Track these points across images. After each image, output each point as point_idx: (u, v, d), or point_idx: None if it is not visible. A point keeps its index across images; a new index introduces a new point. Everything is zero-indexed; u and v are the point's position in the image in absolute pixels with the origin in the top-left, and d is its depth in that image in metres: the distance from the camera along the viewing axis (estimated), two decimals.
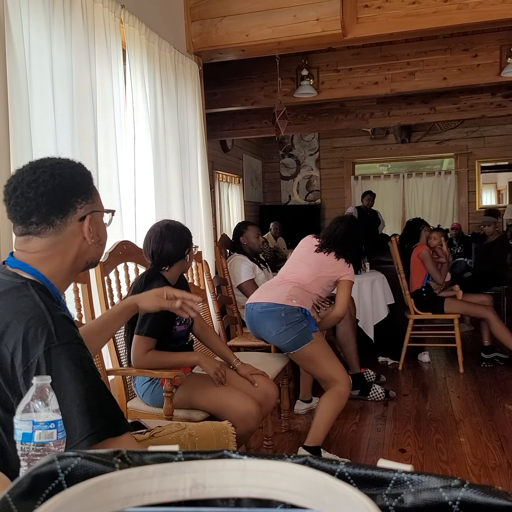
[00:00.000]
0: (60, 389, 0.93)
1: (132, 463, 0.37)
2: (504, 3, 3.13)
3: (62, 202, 1.08)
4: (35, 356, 0.95)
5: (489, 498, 0.33)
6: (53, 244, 1.09)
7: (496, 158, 8.39)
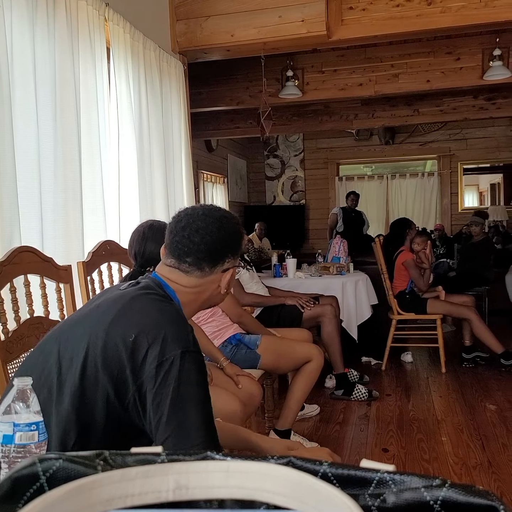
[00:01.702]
0: (185, 391, 1.00)
1: (115, 465, 0.37)
2: (486, 8, 3.17)
3: (218, 255, 1.21)
4: (172, 353, 1.02)
5: (470, 497, 0.34)
6: (194, 285, 1.21)
7: (478, 160, 8.49)
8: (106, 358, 1.03)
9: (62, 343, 1.10)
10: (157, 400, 0.99)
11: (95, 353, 1.04)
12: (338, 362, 3.56)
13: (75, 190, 2.29)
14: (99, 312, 1.13)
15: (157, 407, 0.99)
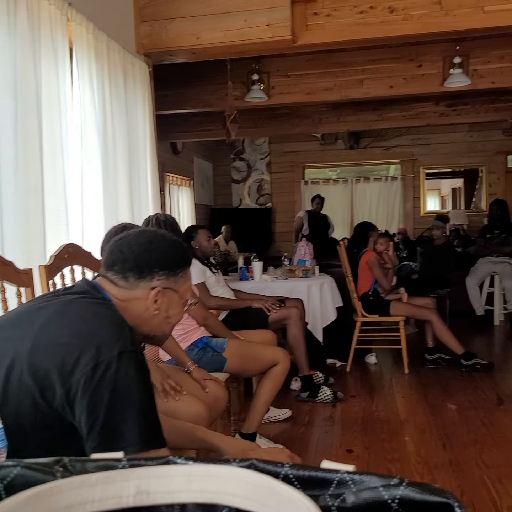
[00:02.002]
0: (123, 393, 0.99)
1: (74, 472, 0.37)
2: (446, 16, 3.25)
3: (143, 267, 1.18)
4: (109, 355, 1.00)
5: (426, 495, 0.35)
6: (122, 296, 1.18)
7: (440, 165, 8.70)
8: (34, 361, 1.01)
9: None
10: (93, 402, 0.97)
11: (22, 356, 1.02)
12: (303, 364, 3.58)
13: (36, 192, 2.24)
14: (30, 315, 1.11)
15: (93, 410, 0.97)
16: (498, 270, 5.76)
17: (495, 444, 2.76)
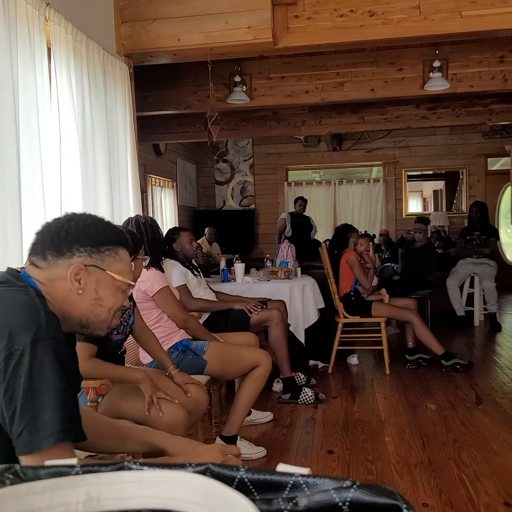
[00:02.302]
0: (39, 382, 0.96)
1: (26, 479, 0.36)
2: (425, 20, 3.29)
3: (62, 243, 1.12)
4: (22, 343, 0.97)
5: (376, 497, 0.35)
6: (44, 278, 1.13)
7: (421, 167, 8.79)
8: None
9: None
10: (9, 393, 0.95)
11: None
12: (285, 366, 3.59)
13: (13, 193, 2.22)
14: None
15: (10, 401, 0.95)
16: (478, 271, 5.83)
17: (473, 443, 2.79)
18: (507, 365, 4.27)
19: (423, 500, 2.22)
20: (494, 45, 4.64)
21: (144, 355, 2.59)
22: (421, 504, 2.19)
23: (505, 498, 2.22)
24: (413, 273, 5.64)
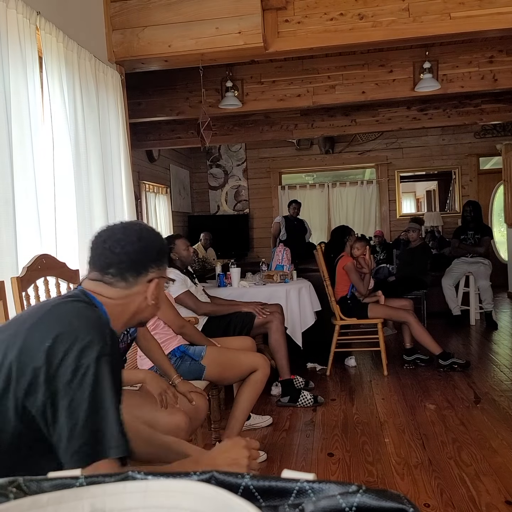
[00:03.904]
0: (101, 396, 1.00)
1: (29, 492, 0.36)
2: (414, 23, 3.30)
3: (140, 264, 1.22)
4: (89, 359, 1.02)
5: (382, 501, 0.35)
6: (120, 296, 1.22)
7: (414, 168, 8.82)
8: (21, 364, 1.02)
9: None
10: (73, 405, 0.98)
11: (11, 360, 1.03)
12: (284, 368, 3.59)
13: (7, 203, 2.21)
14: (20, 320, 1.13)
15: (73, 412, 0.98)
16: (473, 270, 5.85)
17: (473, 442, 2.79)
18: (504, 363, 4.28)
19: (425, 501, 2.22)
20: (483, 46, 4.68)
21: (142, 362, 2.59)
22: (422, 505, 2.19)
23: (506, 496, 2.22)
24: (409, 274, 5.65)
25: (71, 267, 2.51)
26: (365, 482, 2.47)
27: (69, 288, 2.45)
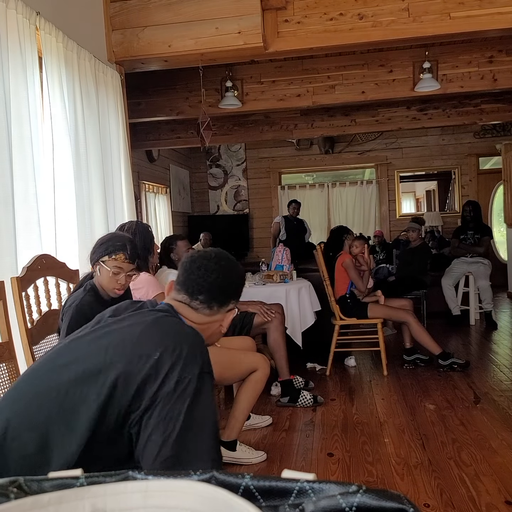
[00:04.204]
0: (198, 410, 1.06)
1: (30, 492, 0.36)
2: (414, 23, 3.31)
3: (226, 296, 1.33)
4: (191, 373, 1.08)
5: (383, 502, 0.35)
6: (201, 322, 1.30)
7: (413, 168, 8.82)
8: (128, 375, 1.07)
9: (74, 365, 1.12)
10: (170, 415, 1.04)
11: (117, 370, 1.08)
12: (284, 368, 3.58)
13: (6, 203, 2.21)
14: (119, 331, 1.18)
15: (169, 422, 1.03)
16: (473, 270, 5.85)
17: (473, 442, 2.79)
18: (504, 363, 4.28)
19: (424, 501, 2.22)
20: (483, 46, 4.68)
21: None
22: (422, 505, 2.19)
23: (506, 496, 2.22)
24: (408, 274, 5.65)
25: (71, 267, 2.52)
26: (365, 482, 2.47)
27: (68, 288, 2.46)
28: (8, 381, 1.91)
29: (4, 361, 1.91)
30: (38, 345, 2.20)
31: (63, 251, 2.72)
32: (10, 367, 1.94)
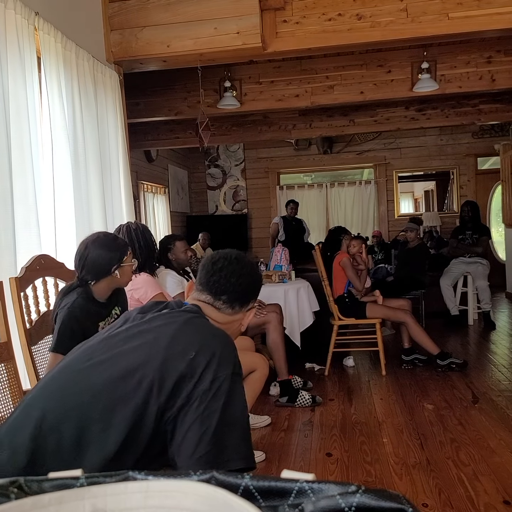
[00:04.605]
0: (232, 409, 1.10)
1: (30, 492, 0.36)
2: (412, 23, 3.31)
3: (248, 297, 1.39)
4: (225, 373, 1.12)
5: (382, 502, 0.35)
6: (223, 321, 1.35)
7: (412, 168, 8.83)
8: (164, 373, 1.10)
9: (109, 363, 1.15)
10: (206, 413, 1.07)
11: (154, 368, 1.11)
12: (282, 368, 3.59)
13: (5, 203, 2.21)
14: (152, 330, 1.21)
15: (205, 420, 1.06)
16: (471, 270, 5.85)
17: (471, 442, 2.79)
18: (502, 363, 4.28)
19: (423, 501, 2.22)
20: (481, 46, 4.69)
21: None
22: (420, 505, 2.19)
23: (504, 496, 2.22)
24: (407, 274, 5.66)
25: (69, 267, 2.52)
26: (363, 482, 2.47)
27: None
28: (7, 381, 1.91)
29: (2, 361, 1.91)
30: (36, 345, 2.20)
31: (62, 251, 2.72)
32: (8, 367, 1.93)
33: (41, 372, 2.16)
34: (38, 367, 2.15)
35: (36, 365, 2.14)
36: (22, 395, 1.98)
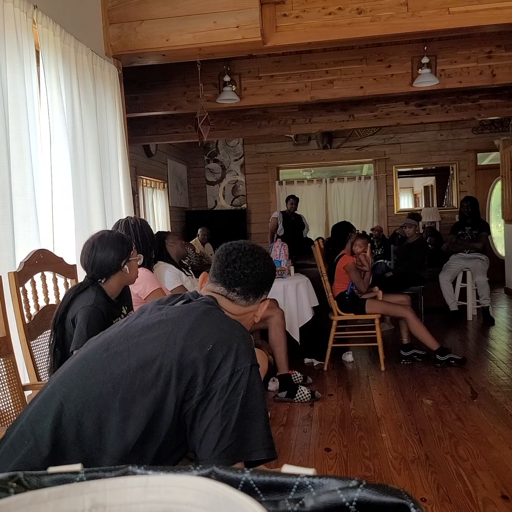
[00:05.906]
0: (252, 402, 1.10)
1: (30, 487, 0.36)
2: (413, 17, 3.30)
3: (262, 288, 1.37)
4: (243, 365, 1.12)
5: (383, 496, 0.35)
6: (237, 312, 1.34)
7: (411, 164, 8.82)
8: (182, 365, 1.11)
9: (128, 353, 1.15)
10: (226, 407, 1.07)
11: (172, 359, 1.11)
12: (283, 363, 3.59)
13: (4, 197, 2.21)
14: (170, 321, 1.21)
15: (226, 414, 1.07)
16: (470, 266, 5.86)
17: (469, 437, 2.80)
18: (501, 359, 4.29)
19: (421, 495, 2.23)
20: (481, 41, 4.67)
21: None
22: (419, 499, 2.20)
23: (503, 491, 2.23)
24: (406, 269, 5.66)
25: (68, 262, 2.51)
26: (362, 477, 2.48)
27: (66, 283, 2.45)
28: (6, 376, 1.91)
29: (1, 356, 1.91)
30: (35, 340, 2.20)
31: (61, 246, 2.72)
32: (7, 362, 1.93)
33: (40, 366, 2.16)
34: (37, 362, 2.15)
35: (35, 359, 2.14)
36: (21, 389, 1.98)
